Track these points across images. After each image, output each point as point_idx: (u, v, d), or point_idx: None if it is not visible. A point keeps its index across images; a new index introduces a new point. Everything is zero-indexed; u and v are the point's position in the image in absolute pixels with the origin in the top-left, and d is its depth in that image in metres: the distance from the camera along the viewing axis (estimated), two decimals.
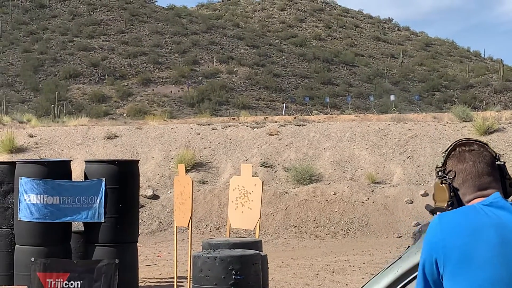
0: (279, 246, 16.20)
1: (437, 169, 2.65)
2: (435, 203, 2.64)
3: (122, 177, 9.10)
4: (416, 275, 2.92)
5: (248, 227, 10.27)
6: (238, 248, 8.12)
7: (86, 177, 9.21)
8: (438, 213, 2.57)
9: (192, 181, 9.73)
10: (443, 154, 2.67)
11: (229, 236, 10.27)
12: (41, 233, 8.83)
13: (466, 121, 21.25)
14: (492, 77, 67.14)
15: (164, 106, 52.82)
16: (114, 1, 74.10)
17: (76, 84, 56.42)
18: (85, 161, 9.67)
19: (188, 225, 9.92)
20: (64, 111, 36.84)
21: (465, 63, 74.58)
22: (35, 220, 8.83)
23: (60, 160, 10.60)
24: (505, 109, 39.24)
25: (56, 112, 34.95)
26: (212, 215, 18.30)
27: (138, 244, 9.52)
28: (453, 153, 2.61)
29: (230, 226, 10.15)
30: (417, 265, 2.91)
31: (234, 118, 26.41)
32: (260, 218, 9.88)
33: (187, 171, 19.56)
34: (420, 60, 73.16)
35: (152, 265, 13.66)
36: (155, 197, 19.05)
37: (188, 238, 16.30)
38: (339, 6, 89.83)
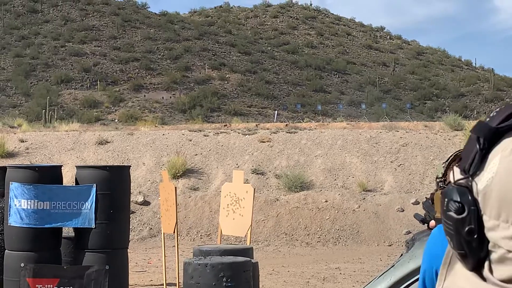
0: (270, 253, 16.18)
1: (437, 180, 2.64)
2: (435, 213, 2.62)
3: (113, 183, 9.07)
4: (409, 284, 2.92)
5: (239, 234, 10.25)
6: (229, 255, 8.10)
7: (77, 183, 9.17)
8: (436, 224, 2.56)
9: (176, 187, 9.71)
10: (443, 165, 2.66)
11: (220, 243, 10.25)
12: (31, 238, 8.77)
13: (457, 130, 21.31)
14: (483, 86, 67.41)
15: (155, 112, 52.79)
16: (106, 7, 74.07)
17: (67, 89, 56.30)
18: (76, 166, 9.64)
19: (174, 232, 9.89)
20: (55, 116, 36.75)
21: (457, 72, 74.85)
22: (25, 226, 8.78)
23: (51, 165, 10.58)
24: None
25: (47, 117, 34.86)
26: (203, 221, 18.26)
27: (128, 250, 9.49)
28: (453, 163, 2.61)
29: (221, 233, 10.13)
30: (410, 273, 2.91)
31: (226, 125, 26.41)
32: (251, 225, 9.87)
33: (178, 177, 19.55)
34: (412, 68, 73.40)
35: (142, 271, 13.62)
36: (145, 203, 19.01)
37: (178, 244, 16.27)
38: (332, 14, 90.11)
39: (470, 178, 1.21)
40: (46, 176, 8.96)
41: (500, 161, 1.17)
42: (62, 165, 9.73)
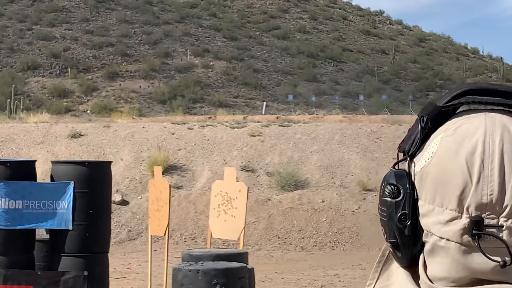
0: (262, 258, 16.17)
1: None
2: None
3: (93, 180, 9.01)
4: None
5: (231, 237, 10.22)
6: (221, 260, 8.07)
7: (52, 180, 9.10)
8: None
9: (170, 185, 9.67)
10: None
11: (210, 247, 10.22)
12: (1, 241, 8.71)
13: None
14: (491, 77, 67.69)
15: (132, 102, 52.67)
16: None
17: (35, 76, 56.03)
18: (51, 162, 9.57)
19: (165, 234, 9.85)
20: (21, 107, 36.54)
21: (462, 61, 75.13)
22: None
23: (24, 160, 10.51)
24: None
25: (12, 107, 34.66)
26: (187, 223, 18.22)
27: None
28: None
29: (211, 235, 10.09)
30: None
31: (211, 117, 26.36)
32: (244, 227, 9.84)
33: None
34: (414, 56, 73.58)
35: (122, 278, 13.57)
36: (124, 202, 18.94)
37: (160, 248, 16.23)
38: None
39: (409, 160, 1.20)
40: (19, 172, 8.89)
41: (441, 140, 1.17)
42: (36, 160, 9.66)
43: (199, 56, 62.80)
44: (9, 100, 36.27)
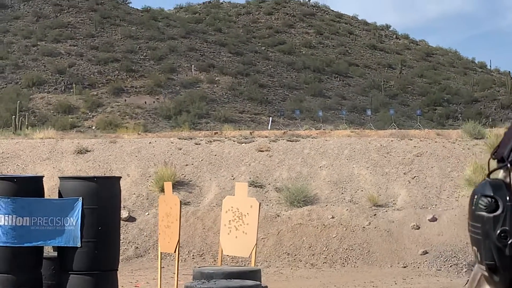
0: (271, 275, 15.98)
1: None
2: None
3: (102, 196, 8.90)
4: None
5: (243, 254, 10.05)
6: (234, 278, 7.92)
7: (60, 196, 8.98)
8: None
9: (181, 201, 9.51)
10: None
11: (221, 264, 10.05)
12: (8, 259, 8.60)
13: (477, 138, 21.20)
14: (499, 91, 67.50)
15: (137, 118, 52.58)
16: (83, 2, 73.88)
17: (40, 93, 56.02)
18: (59, 177, 9.44)
19: (175, 251, 9.69)
20: (26, 123, 36.49)
21: (470, 75, 74.97)
22: (1, 244, 8.61)
23: (31, 176, 10.39)
24: None
25: (17, 123, 34.61)
26: (195, 240, 18.05)
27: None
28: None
29: (222, 252, 9.93)
30: None
31: (217, 133, 26.23)
32: (256, 244, 9.68)
33: None
34: (420, 71, 73.46)
35: None
36: (131, 219, 18.78)
37: (168, 265, 16.05)
38: (332, 10, 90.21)
39: (510, 167, 1.02)
40: (26, 188, 8.79)
41: None
42: (43, 176, 9.53)
43: (204, 72, 62.76)
44: (14, 116, 36.21)
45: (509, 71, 71.94)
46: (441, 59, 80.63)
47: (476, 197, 1.03)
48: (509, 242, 1.00)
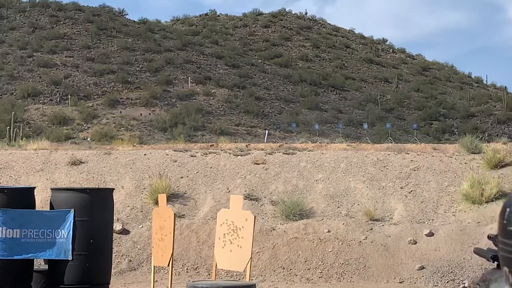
0: None
1: None
2: None
3: (94, 208, 8.76)
4: None
5: (237, 268, 9.90)
6: None
7: (51, 208, 8.84)
8: None
9: (175, 214, 9.36)
10: None
11: (215, 278, 9.90)
12: None
13: (474, 153, 21.06)
14: (495, 106, 67.56)
15: (132, 130, 52.46)
16: (79, 13, 73.89)
17: (35, 104, 55.89)
18: (51, 189, 9.29)
19: (168, 265, 9.53)
20: (21, 134, 36.31)
21: (466, 90, 75.07)
22: None
23: (22, 187, 10.24)
24: (510, 141, 39.30)
25: (11, 135, 34.44)
26: (189, 253, 17.86)
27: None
28: None
29: (216, 266, 9.77)
30: None
31: (212, 145, 26.09)
32: (251, 258, 9.52)
33: None
34: (417, 85, 73.55)
35: None
36: (124, 232, 18.59)
37: (161, 279, 15.88)
38: (329, 24, 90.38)
39: None
40: (17, 200, 8.64)
41: None
42: (35, 187, 9.38)
43: (200, 84, 62.73)
44: (8, 127, 36.05)
45: (505, 86, 72.08)
46: (437, 74, 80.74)
47: (508, 210, 0.89)
48: None
